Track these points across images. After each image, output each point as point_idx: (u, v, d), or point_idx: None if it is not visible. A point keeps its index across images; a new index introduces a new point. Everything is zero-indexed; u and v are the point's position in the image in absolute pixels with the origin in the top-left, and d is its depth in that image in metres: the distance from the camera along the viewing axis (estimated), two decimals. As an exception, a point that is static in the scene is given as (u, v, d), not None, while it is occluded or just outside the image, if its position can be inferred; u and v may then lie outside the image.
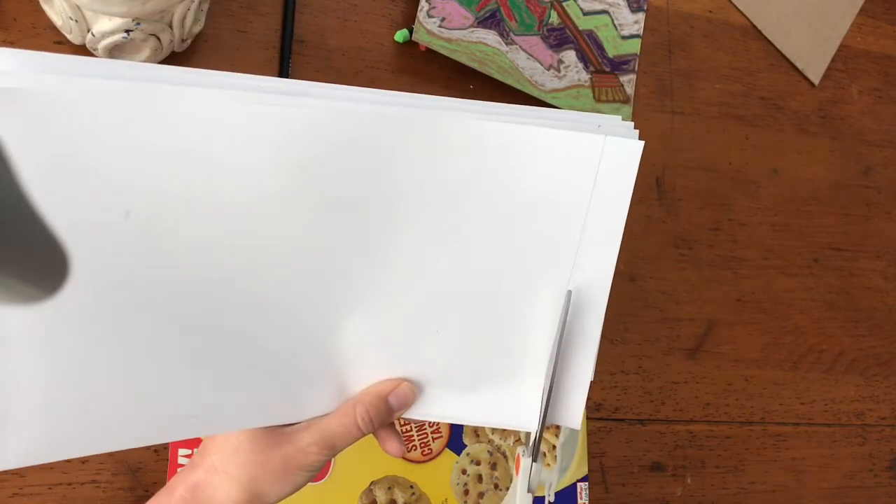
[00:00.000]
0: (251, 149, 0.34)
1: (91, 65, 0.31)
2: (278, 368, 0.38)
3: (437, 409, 0.41)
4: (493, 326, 0.40)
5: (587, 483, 0.60)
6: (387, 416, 0.39)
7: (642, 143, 0.37)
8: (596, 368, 0.41)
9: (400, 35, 0.62)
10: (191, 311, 0.36)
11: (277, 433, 0.38)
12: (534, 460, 0.41)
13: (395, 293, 0.39)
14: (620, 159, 0.37)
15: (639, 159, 0.37)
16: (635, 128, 0.38)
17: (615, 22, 0.70)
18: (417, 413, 0.41)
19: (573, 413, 0.41)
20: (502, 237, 0.39)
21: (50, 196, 0.30)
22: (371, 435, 0.41)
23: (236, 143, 0.33)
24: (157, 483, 0.51)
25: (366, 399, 0.39)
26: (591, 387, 0.60)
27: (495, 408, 0.41)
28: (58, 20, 0.51)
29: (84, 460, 0.50)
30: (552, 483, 0.59)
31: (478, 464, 0.57)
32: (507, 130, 0.37)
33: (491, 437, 0.58)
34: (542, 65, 0.66)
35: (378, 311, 0.39)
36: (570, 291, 0.39)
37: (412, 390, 0.40)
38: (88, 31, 0.50)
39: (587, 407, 0.62)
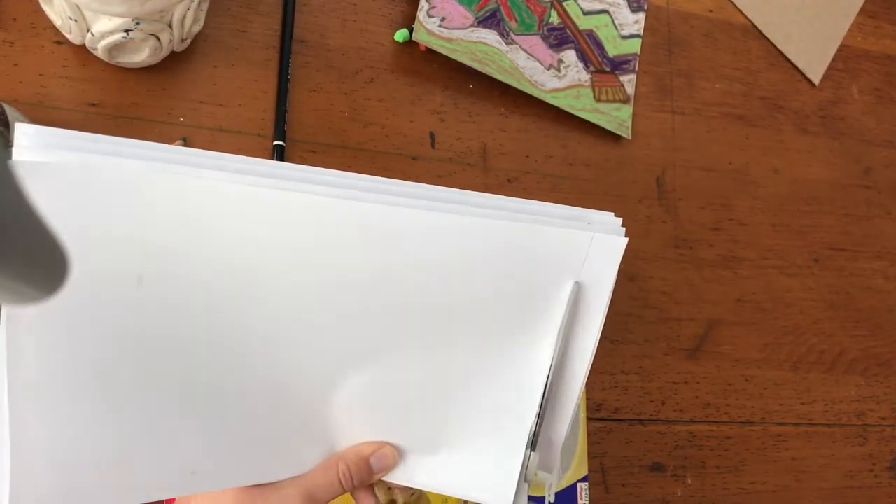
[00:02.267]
0: (260, 227, 0.36)
1: (128, 146, 0.34)
2: (272, 430, 0.41)
3: (417, 477, 0.44)
4: (474, 404, 0.43)
5: (587, 483, 0.60)
6: (367, 476, 0.41)
7: (626, 239, 0.39)
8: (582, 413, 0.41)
9: (400, 35, 0.62)
10: (192, 375, 0.38)
11: (261, 487, 0.40)
12: (532, 450, 0.42)
13: (385, 365, 0.41)
14: (606, 253, 0.40)
15: (622, 254, 0.40)
16: (623, 225, 0.41)
17: (615, 22, 0.70)
18: (398, 478, 0.43)
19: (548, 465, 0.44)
20: (490, 320, 0.41)
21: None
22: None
23: (245, 223, 0.36)
24: None
25: (349, 457, 0.41)
26: (591, 387, 0.60)
27: (473, 482, 0.43)
28: (57, 20, 0.51)
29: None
30: (552, 483, 0.59)
31: (478, 464, 0.57)
32: (510, 228, 0.39)
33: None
34: (542, 64, 0.66)
35: (367, 380, 0.41)
36: (558, 346, 0.42)
37: (393, 455, 0.42)
38: (88, 30, 0.50)
39: (587, 407, 0.62)
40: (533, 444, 0.42)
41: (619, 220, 0.41)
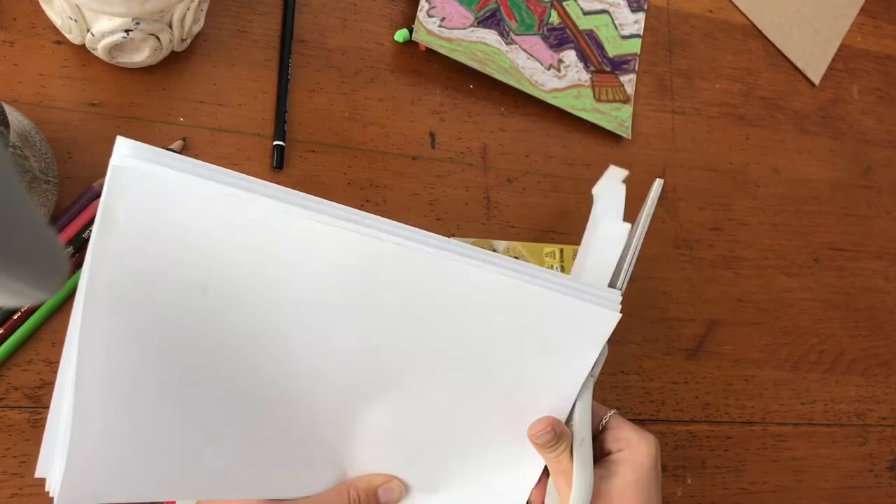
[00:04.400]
0: (314, 262, 0.39)
1: (221, 174, 0.37)
2: (294, 449, 0.43)
3: None
4: (481, 455, 0.46)
5: (587, 483, 0.60)
6: None
7: (619, 315, 0.43)
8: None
9: (400, 35, 0.62)
10: (233, 386, 0.41)
11: (277, 502, 0.43)
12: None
13: (403, 403, 0.44)
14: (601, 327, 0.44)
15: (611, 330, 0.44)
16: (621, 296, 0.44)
17: (615, 21, 0.70)
18: None
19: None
20: (508, 375, 0.44)
21: (142, 264, 0.37)
22: None
23: (303, 254, 0.39)
24: None
25: (360, 485, 0.44)
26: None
27: None
28: (57, 20, 0.51)
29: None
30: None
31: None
32: (536, 293, 0.42)
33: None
34: (542, 64, 0.66)
35: (385, 416, 0.44)
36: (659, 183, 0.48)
37: (400, 489, 0.45)
38: (88, 30, 0.50)
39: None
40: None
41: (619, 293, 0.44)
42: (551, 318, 0.43)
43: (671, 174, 0.70)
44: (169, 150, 0.54)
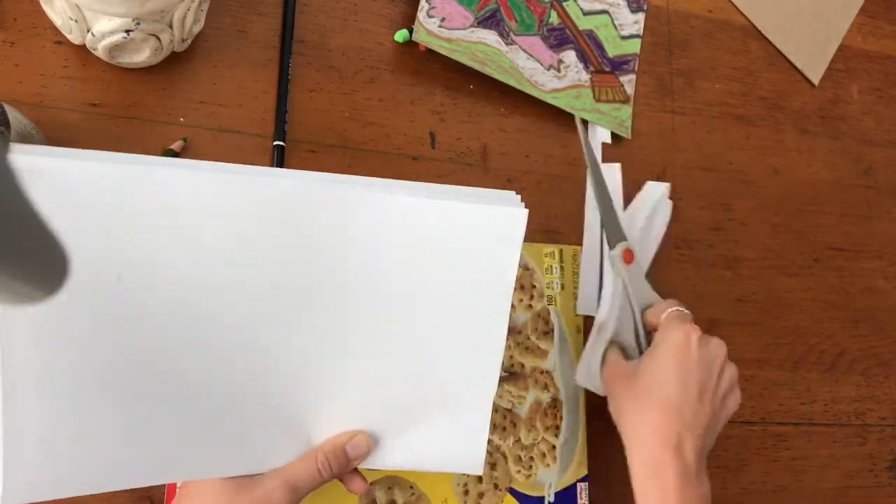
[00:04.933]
0: (215, 219, 0.39)
1: (104, 155, 0.38)
2: (251, 424, 0.43)
3: (391, 459, 0.47)
4: (436, 382, 0.46)
5: (587, 483, 0.60)
6: (345, 464, 0.45)
7: (526, 210, 0.44)
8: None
9: (400, 35, 0.62)
10: (172, 368, 0.40)
11: (246, 479, 0.43)
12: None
13: (351, 360, 0.44)
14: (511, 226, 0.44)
15: (524, 226, 0.45)
16: (521, 200, 0.45)
17: (615, 22, 0.70)
18: (374, 462, 0.46)
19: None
20: (440, 296, 0.44)
21: None
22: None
23: (207, 216, 0.39)
24: None
25: (326, 447, 0.44)
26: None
27: (445, 455, 0.47)
28: (58, 20, 0.51)
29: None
30: (552, 483, 0.59)
31: (478, 464, 0.57)
32: (449, 207, 0.43)
33: (490, 437, 0.58)
34: (542, 65, 0.66)
35: (334, 372, 0.44)
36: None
37: (367, 441, 0.45)
38: (88, 30, 0.50)
39: (588, 408, 0.62)
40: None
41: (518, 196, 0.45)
42: (465, 228, 0.43)
43: (671, 174, 0.70)
44: (169, 150, 0.54)
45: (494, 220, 0.44)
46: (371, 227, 0.42)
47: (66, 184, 0.36)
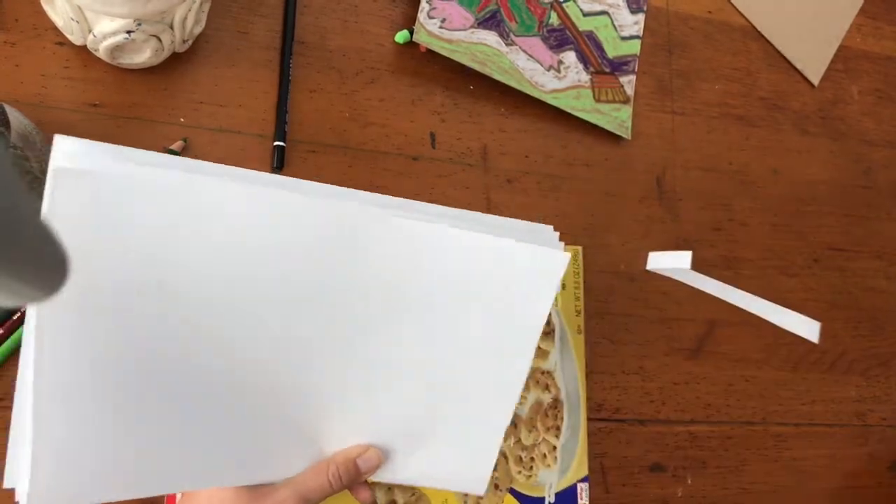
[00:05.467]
0: (258, 234, 0.39)
1: (137, 154, 0.37)
2: (266, 434, 0.43)
3: (400, 473, 0.47)
4: (452, 405, 0.46)
5: (587, 483, 0.60)
6: (356, 476, 0.45)
7: (569, 255, 0.44)
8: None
9: (400, 36, 0.62)
10: (197, 378, 0.41)
11: (258, 488, 0.43)
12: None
13: (371, 375, 0.44)
14: (551, 268, 0.44)
15: (564, 270, 0.44)
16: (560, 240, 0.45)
17: (615, 23, 0.70)
18: (384, 476, 0.47)
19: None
20: (468, 326, 0.44)
21: (98, 262, 0.37)
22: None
23: (252, 230, 0.39)
24: None
25: (338, 460, 0.45)
26: (592, 387, 0.60)
27: (452, 474, 0.48)
28: (59, 21, 0.51)
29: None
30: (552, 483, 0.59)
31: (478, 464, 0.57)
32: (471, 239, 0.43)
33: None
34: (542, 65, 0.66)
35: (355, 388, 0.44)
36: None
37: (378, 456, 0.46)
38: (90, 31, 0.50)
39: (588, 407, 0.62)
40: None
41: (556, 235, 0.45)
42: (503, 263, 0.43)
43: (671, 174, 0.70)
44: (169, 150, 0.54)
45: (535, 258, 0.43)
46: (406, 252, 0.42)
47: (117, 193, 0.36)
